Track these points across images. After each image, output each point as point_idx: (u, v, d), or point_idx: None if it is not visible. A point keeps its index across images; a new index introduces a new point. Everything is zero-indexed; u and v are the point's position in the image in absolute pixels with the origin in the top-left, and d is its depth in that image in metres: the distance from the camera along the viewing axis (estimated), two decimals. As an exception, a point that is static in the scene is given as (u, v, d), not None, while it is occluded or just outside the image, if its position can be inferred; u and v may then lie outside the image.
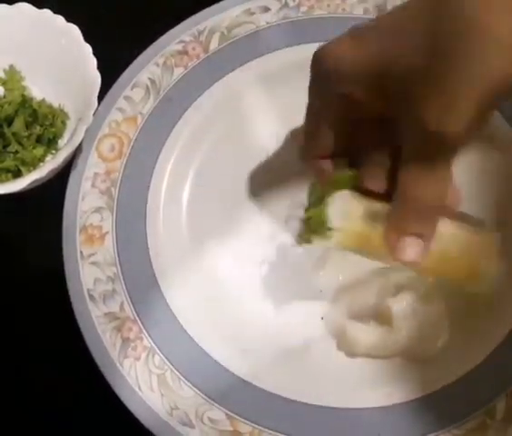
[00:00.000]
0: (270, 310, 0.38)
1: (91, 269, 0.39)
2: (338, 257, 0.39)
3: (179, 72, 0.44)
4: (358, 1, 0.45)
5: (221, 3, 0.46)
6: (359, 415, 0.35)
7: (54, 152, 0.43)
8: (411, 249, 0.29)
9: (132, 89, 0.43)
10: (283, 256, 0.40)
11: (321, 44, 0.30)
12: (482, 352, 0.36)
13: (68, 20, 0.42)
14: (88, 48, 0.41)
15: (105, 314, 0.37)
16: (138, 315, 0.38)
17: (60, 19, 0.43)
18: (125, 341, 0.37)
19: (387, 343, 0.36)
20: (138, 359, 0.36)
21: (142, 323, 0.37)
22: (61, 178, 0.41)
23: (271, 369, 0.37)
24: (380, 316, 0.37)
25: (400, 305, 0.36)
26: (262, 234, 0.40)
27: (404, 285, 0.37)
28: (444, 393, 0.36)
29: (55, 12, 0.43)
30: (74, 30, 0.42)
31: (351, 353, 0.37)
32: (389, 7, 0.45)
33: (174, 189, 0.41)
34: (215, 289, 0.39)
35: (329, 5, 0.45)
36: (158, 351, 0.37)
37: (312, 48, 0.43)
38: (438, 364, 0.36)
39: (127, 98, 0.43)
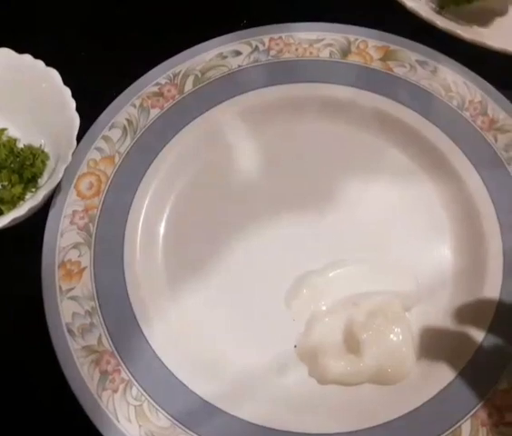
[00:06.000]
0: (245, 340, 0.39)
1: (69, 303, 0.39)
2: (310, 288, 0.41)
3: (155, 113, 0.46)
4: (324, 45, 0.48)
5: (194, 47, 0.48)
6: (331, 440, 0.36)
7: (33, 190, 0.44)
8: None
9: (110, 129, 0.45)
10: (258, 288, 0.41)
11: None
12: (448, 375, 0.37)
13: (48, 64, 0.44)
14: (67, 91, 0.43)
15: (83, 348, 0.38)
16: (116, 348, 0.38)
17: (40, 63, 0.44)
18: (103, 373, 0.37)
19: (357, 370, 0.37)
20: (116, 391, 0.37)
21: (119, 356, 0.38)
22: (41, 215, 0.42)
23: (246, 397, 0.38)
24: (350, 344, 0.38)
25: (368, 332, 0.38)
26: (237, 268, 0.42)
27: (372, 312, 0.39)
28: (413, 416, 0.36)
29: (36, 55, 0.44)
30: (54, 74, 0.44)
31: (323, 380, 0.38)
32: (353, 49, 0.47)
33: (151, 225, 0.43)
34: (192, 321, 0.40)
35: (297, 49, 0.48)
36: (135, 383, 0.37)
37: (285, 89, 0.46)
38: (406, 388, 0.37)
39: (105, 138, 0.45)
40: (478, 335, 0.38)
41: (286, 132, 0.46)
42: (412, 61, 0.47)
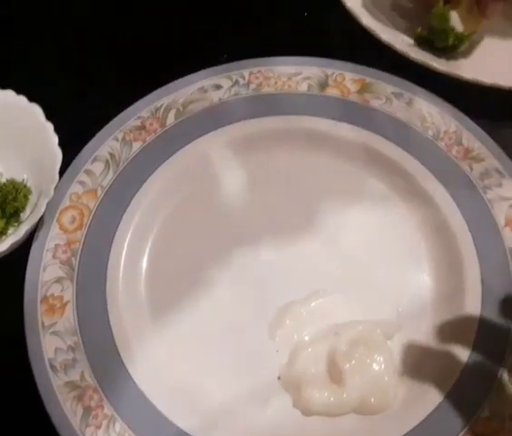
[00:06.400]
0: (229, 372, 0.39)
1: (52, 339, 0.39)
2: (293, 318, 0.41)
3: (137, 146, 0.46)
4: (302, 78, 0.49)
5: (176, 81, 0.49)
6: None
7: (16, 224, 0.44)
8: None
9: (92, 163, 0.45)
10: (241, 319, 0.41)
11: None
12: (431, 403, 0.38)
13: (31, 99, 0.45)
14: (50, 126, 0.43)
15: (66, 383, 0.38)
16: (99, 383, 0.38)
17: (23, 99, 0.45)
18: (86, 409, 0.37)
19: (340, 401, 0.38)
20: (99, 427, 0.37)
21: (102, 391, 0.38)
22: (23, 249, 0.42)
23: (231, 430, 0.37)
24: (333, 374, 0.38)
25: (350, 362, 0.38)
26: (220, 300, 0.42)
27: (354, 341, 0.39)
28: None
29: (18, 91, 0.45)
30: (37, 109, 0.44)
31: (307, 412, 0.38)
32: (331, 82, 0.49)
33: (134, 259, 0.43)
34: (175, 355, 0.40)
35: (276, 83, 0.49)
36: (119, 418, 0.37)
37: (266, 122, 0.47)
38: (390, 417, 0.38)
39: (88, 171, 0.45)
40: (460, 363, 0.39)
41: (267, 163, 0.47)
42: (388, 93, 0.48)
